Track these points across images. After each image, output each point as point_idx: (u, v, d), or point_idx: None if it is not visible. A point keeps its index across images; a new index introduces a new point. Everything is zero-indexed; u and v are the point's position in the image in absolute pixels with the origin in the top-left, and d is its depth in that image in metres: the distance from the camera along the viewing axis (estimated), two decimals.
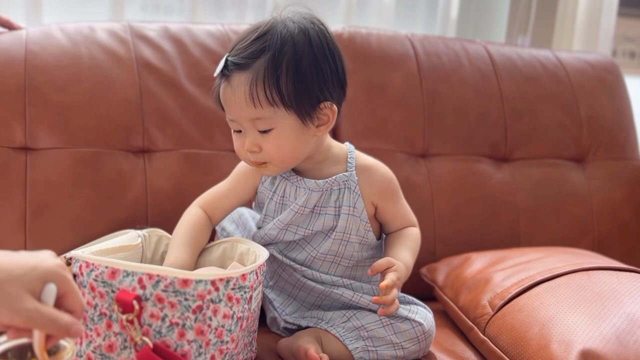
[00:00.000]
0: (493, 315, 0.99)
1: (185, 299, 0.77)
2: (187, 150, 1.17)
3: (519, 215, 1.35)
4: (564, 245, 1.31)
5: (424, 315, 0.96)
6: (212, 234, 1.01)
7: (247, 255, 0.92)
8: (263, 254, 0.88)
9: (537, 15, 1.96)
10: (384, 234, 1.02)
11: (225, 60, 0.88)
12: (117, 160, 1.12)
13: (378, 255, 1.01)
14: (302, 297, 1.00)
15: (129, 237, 0.95)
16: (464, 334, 1.06)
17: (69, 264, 0.82)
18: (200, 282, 0.77)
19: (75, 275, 0.81)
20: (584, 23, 1.94)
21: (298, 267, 0.97)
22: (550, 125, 1.41)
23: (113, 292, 0.78)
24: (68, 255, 0.82)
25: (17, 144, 1.07)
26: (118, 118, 1.13)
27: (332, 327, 0.93)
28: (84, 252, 0.84)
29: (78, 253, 0.82)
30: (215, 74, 0.89)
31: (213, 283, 0.78)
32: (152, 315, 0.77)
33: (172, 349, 0.77)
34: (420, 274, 1.24)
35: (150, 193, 1.13)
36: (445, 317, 1.14)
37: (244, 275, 0.81)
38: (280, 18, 0.89)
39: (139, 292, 0.77)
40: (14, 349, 0.61)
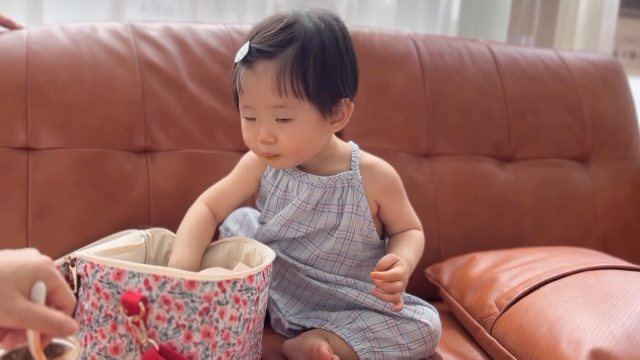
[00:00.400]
0: (500, 315, 0.98)
1: (192, 301, 0.76)
2: (189, 150, 1.16)
3: (523, 215, 1.34)
4: (568, 245, 1.31)
5: (430, 316, 0.96)
6: (216, 234, 1.00)
7: (253, 256, 0.91)
8: (269, 255, 0.87)
9: (538, 16, 1.96)
10: (387, 236, 1.01)
11: (249, 47, 0.86)
12: (119, 160, 1.11)
13: (381, 255, 1.00)
14: (306, 296, 0.99)
15: (132, 237, 0.94)
16: (470, 335, 1.06)
17: (73, 265, 0.81)
18: (207, 283, 0.76)
19: (80, 276, 0.80)
20: (585, 23, 1.94)
21: (302, 266, 0.96)
22: (554, 125, 1.41)
23: (119, 293, 0.77)
24: (72, 256, 0.81)
25: (18, 144, 1.06)
26: (120, 118, 1.12)
27: (337, 328, 0.93)
28: (88, 252, 0.83)
29: (83, 254, 0.81)
30: (237, 60, 0.88)
31: (220, 284, 0.77)
32: (158, 317, 0.76)
33: (178, 351, 0.76)
34: (425, 274, 1.23)
35: (153, 193, 1.12)
36: (451, 317, 1.13)
37: (251, 277, 0.80)
38: (304, 12, 0.89)
39: (145, 293, 0.76)
40: (20, 351, 0.60)
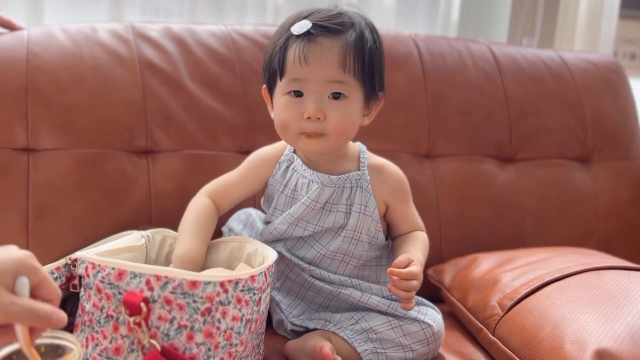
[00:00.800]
0: (503, 316, 0.98)
1: (194, 301, 0.75)
2: (190, 151, 1.15)
3: (524, 216, 1.34)
4: (570, 246, 1.30)
5: (433, 317, 0.95)
6: (216, 233, 0.99)
7: (254, 256, 0.91)
8: (271, 255, 0.87)
9: (538, 17, 1.95)
10: (391, 238, 1.01)
11: (312, 23, 0.87)
12: (120, 161, 1.10)
13: (385, 256, 1.00)
14: (309, 297, 0.99)
15: (133, 237, 0.94)
16: (473, 336, 1.05)
17: (74, 266, 0.81)
18: (209, 283, 0.76)
19: (81, 277, 0.79)
20: (585, 25, 1.94)
21: (306, 266, 0.96)
22: (555, 126, 1.41)
23: (120, 294, 0.76)
24: (73, 257, 0.81)
25: (19, 145, 1.06)
26: (121, 118, 1.11)
27: (340, 329, 0.92)
28: (89, 253, 0.82)
29: (84, 254, 0.80)
30: (297, 33, 0.87)
31: (222, 285, 0.76)
32: (160, 318, 0.75)
33: (180, 352, 0.76)
34: (427, 276, 1.23)
35: (154, 194, 1.11)
36: (453, 318, 1.12)
37: (253, 277, 0.80)
38: (346, 8, 0.93)
39: (147, 293, 0.75)
40: (21, 352, 0.60)
